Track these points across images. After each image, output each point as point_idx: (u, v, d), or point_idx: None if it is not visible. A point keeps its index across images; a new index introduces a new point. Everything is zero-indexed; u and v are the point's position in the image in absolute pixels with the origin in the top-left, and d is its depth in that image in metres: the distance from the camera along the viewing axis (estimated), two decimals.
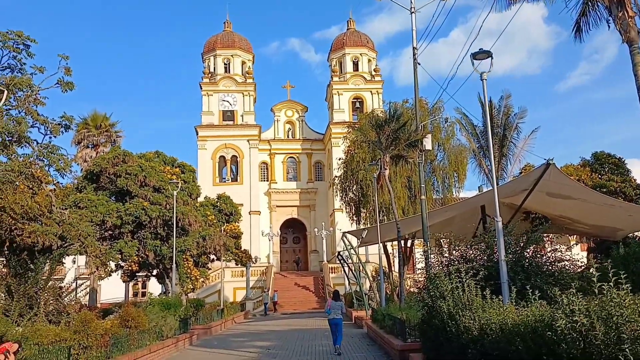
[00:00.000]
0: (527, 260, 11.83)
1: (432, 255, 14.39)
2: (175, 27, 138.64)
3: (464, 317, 9.68)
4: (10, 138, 18.12)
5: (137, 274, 38.31)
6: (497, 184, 11.49)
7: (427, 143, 19.81)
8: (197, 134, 61.88)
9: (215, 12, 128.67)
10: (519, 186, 19.92)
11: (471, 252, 12.92)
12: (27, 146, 20.01)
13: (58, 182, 24.82)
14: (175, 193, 23.52)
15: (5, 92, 12.37)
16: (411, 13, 20.94)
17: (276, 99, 68.03)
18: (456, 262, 11.49)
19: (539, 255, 12.28)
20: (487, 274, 10.97)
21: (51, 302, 19.83)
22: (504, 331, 7.86)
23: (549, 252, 12.98)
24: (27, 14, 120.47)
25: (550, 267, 11.96)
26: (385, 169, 20.76)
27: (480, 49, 11.74)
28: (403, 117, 21.09)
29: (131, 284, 52.74)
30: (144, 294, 53.75)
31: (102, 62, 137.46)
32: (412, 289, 28.99)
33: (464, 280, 10.35)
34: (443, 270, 11.61)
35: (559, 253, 12.93)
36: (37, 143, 19.95)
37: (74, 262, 47.99)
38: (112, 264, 39.27)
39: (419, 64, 20.94)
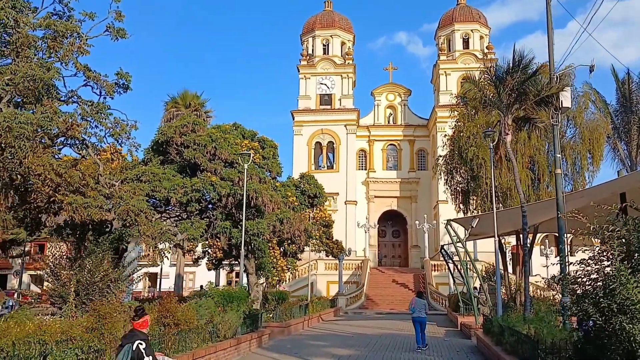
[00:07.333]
0: None
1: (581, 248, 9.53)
2: (273, 15, 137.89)
3: None
4: (44, 91, 15.25)
5: (222, 261, 35.70)
6: None
7: (566, 98, 14.64)
8: (293, 119, 58.96)
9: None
10: None
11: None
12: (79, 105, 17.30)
13: (119, 152, 22.31)
14: (246, 166, 19.92)
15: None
16: None
17: (376, 85, 62.76)
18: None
19: None
20: None
21: (96, 291, 16.98)
22: None
23: None
24: None
25: None
26: (507, 134, 15.74)
27: None
28: (530, 68, 15.98)
29: (224, 272, 50.72)
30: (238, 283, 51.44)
31: (195, 50, 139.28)
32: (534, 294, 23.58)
33: None
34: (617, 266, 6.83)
35: None
36: (89, 104, 17.17)
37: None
38: (199, 250, 36.99)
39: None
